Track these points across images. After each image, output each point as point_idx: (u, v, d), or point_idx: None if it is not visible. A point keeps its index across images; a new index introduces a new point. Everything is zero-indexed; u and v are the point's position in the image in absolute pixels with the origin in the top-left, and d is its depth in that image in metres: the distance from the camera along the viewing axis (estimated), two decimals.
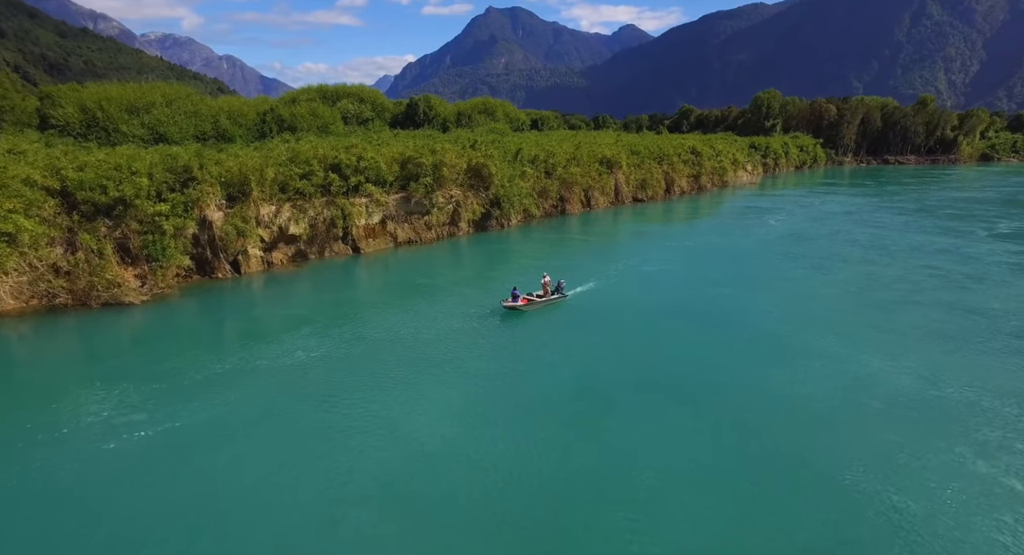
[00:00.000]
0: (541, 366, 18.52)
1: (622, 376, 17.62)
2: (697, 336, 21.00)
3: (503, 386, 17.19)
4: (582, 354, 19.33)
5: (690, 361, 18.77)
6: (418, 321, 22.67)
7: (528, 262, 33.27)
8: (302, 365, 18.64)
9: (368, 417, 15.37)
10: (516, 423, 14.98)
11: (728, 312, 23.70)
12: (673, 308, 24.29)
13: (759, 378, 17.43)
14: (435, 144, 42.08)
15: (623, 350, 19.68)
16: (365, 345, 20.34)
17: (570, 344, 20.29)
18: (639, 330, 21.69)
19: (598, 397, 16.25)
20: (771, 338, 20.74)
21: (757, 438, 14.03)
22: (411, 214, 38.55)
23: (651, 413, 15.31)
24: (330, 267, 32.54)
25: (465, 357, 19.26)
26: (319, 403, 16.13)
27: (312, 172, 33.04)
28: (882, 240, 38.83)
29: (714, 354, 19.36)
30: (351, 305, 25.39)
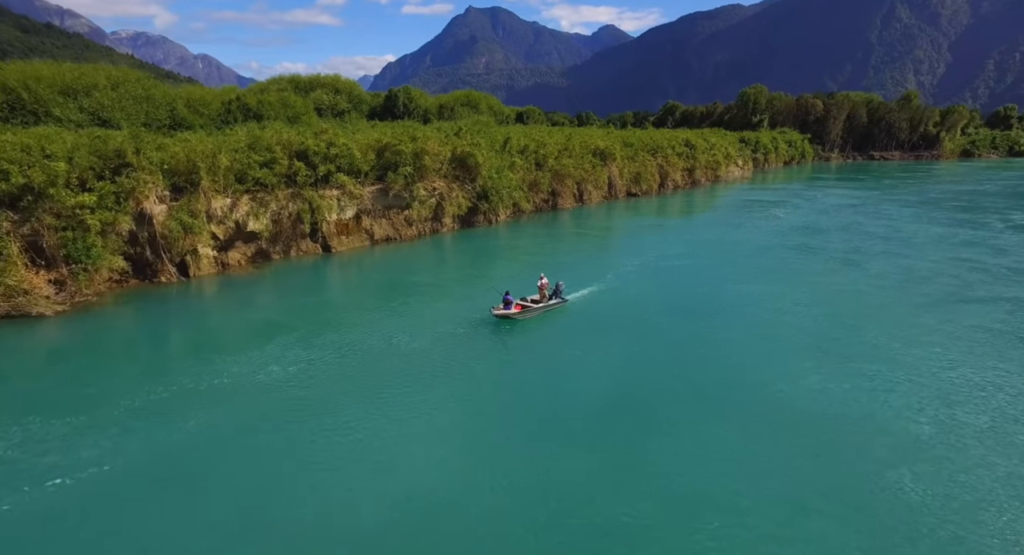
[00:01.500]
0: (548, 385, 14.90)
1: (652, 391, 14.14)
2: (732, 340, 17.62)
3: (506, 409, 13.57)
4: (597, 368, 15.76)
5: (732, 371, 15.35)
6: (398, 332, 18.87)
7: (520, 262, 29.67)
8: (262, 386, 14.81)
9: (347, 452, 11.82)
10: (529, 456, 11.42)
11: (762, 312, 20.48)
12: (698, 308, 20.90)
13: (826, 392, 14.08)
14: (416, 132, 38.21)
15: (648, 360, 16.18)
16: (337, 362, 16.49)
17: (580, 357, 16.70)
18: (664, 336, 18.23)
19: (626, 420, 12.71)
20: (819, 341, 17.48)
21: (843, 466, 10.63)
22: (389, 208, 34.58)
23: (701, 439, 11.80)
24: (296, 269, 28.45)
25: (458, 374, 15.55)
26: (286, 436, 12.46)
27: (275, 160, 28.89)
28: (899, 232, 36.27)
29: (760, 361, 15.99)
30: (319, 313, 21.43)
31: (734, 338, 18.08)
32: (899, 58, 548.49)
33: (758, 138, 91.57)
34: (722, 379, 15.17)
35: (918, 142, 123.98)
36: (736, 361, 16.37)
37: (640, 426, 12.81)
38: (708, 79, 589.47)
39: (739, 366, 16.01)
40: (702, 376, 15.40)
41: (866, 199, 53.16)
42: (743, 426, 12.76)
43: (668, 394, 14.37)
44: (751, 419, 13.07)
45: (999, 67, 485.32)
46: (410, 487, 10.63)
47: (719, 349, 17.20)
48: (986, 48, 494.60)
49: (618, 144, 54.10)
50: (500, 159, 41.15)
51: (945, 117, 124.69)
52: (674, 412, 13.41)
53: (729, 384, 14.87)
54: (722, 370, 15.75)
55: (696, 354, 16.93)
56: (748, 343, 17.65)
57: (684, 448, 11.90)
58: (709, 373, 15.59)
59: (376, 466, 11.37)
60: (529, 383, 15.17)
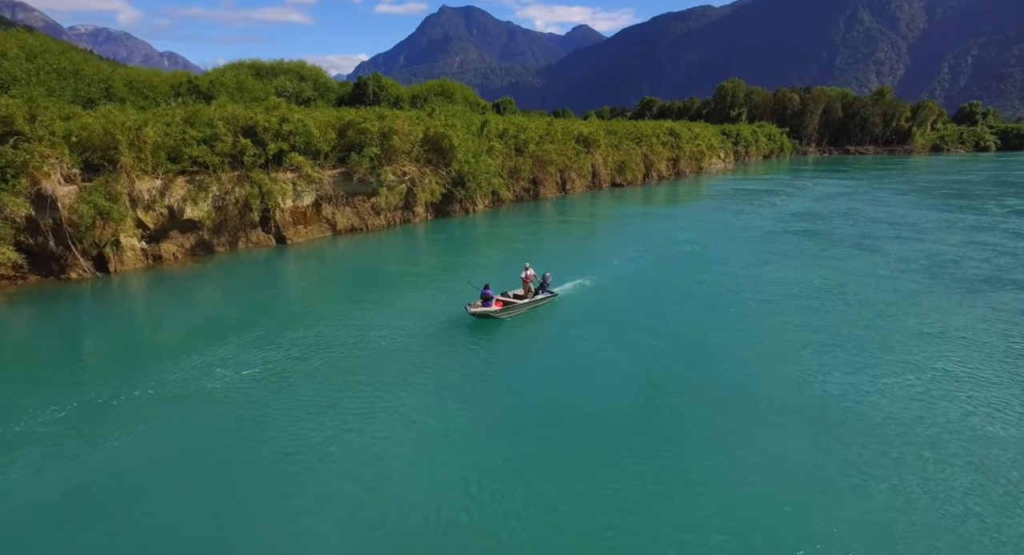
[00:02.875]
0: (548, 388, 11.62)
1: (674, 390, 11.04)
2: (760, 330, 14.69)
3: (497, 419, 10.26)
4: (606, 366, 12.54)
5: (766, 365, 12.36)
6: (364, 333, 15.38)
7: (501, 252, 26.38)
8: (204, 395, 11.47)
9: (313, 474, 8.71)
10: (529, 479, 8.17)
11: (786, 299, 17.71)
12: (716, 296, 17.98)
13: (884, 391, 11.21)
14: (384, 112, 34.51)
15: (665, 355, 13.05)
16: (294, 366, 12.97)
17: (584, 354, 13.45)
18: (680, 327, 15.15)
19: (648, 426, 9.56)
20: (857, 330, 14.73)
21: (940, 487, 7.64)
22: (353, 195, 30.79)
23: (747, 449, 8.69)
24: (245, 262, 24.50)
25: (437, 378, 12.13)
26: (236, 454, 9.40)
27: (216, 136, 24.88)
28: (903, 218, 34.28)
29: (797, 354, 13.11)
30: (270, 312, 17.68)
31: (761, 328, 15.20)
32: (862, 60, 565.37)
33: (739, 130, 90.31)
34: (757, 376, 12.27)
35: (891, 137, 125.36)
36: (769, 354, 13.49)
37: (666, 434, 9.85)
38: (681, 79, 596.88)
39: (773, 359, 13.14)
40: (733, 373, 12.48)
41: (857, 188, 51.58)
42: (794, 433, 9.92)
43: (694, 393, 11.46)
44: (801, 423, 10.28)
45: (953, 70, 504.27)
46: (388, 513, 7.68)
47: (747, 341, 14.26)
48: (941, 51, 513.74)
49: (602, 131, 51.25)
50: (477, 144, 37.72)
51: (916, 112, 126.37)
52: (706, 416, 10.53)
53: (766, 381, 12.03)
54: (755, 365, 12.83)
55: (721, 347, 13.92)
56: (778, 333, 14.79)
57: (728, 461, 8.90)
58: (741, 369, 12.67)
59: (350, 489, 8.05)
60: (524, 386, 11.85)
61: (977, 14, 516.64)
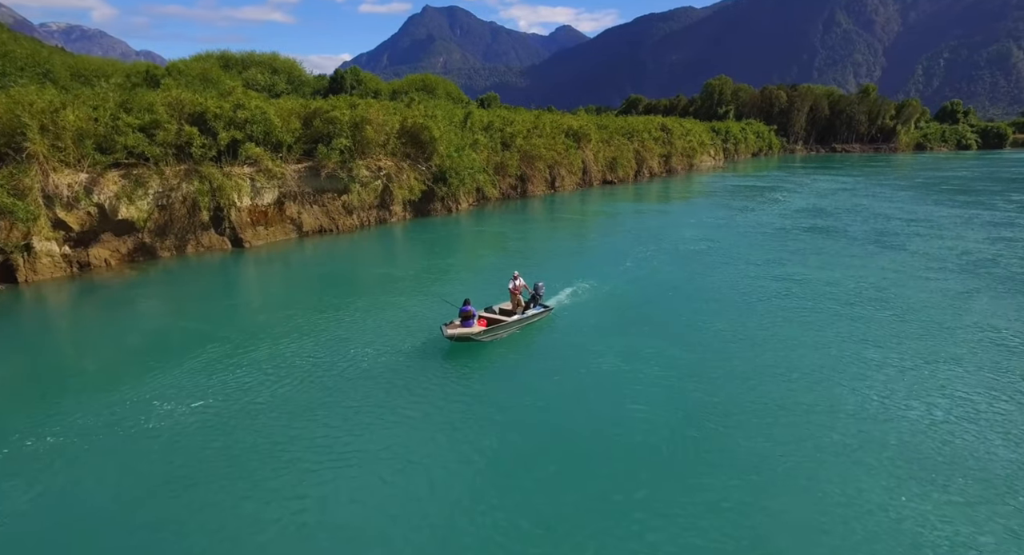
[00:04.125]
0: (555, 412, 8.82)
1: (706, 411, 8.34)
2: (803, 342, 12.08)
3: (494, 458, 7.37)
4: (623, 380, 9.79)
5: (818, 384, 9.70)
6: (328, 354, 12.54)
7: (487, 258, 23.56)
8: (121, 443, 8.60)
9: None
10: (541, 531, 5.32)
11: (821, 302, 15.47)
12: (741, 300, 15.46)
13: (975, 419, 8.57)
14: (356, 100, 31.42)
15: (691, 370, 10.33)
16: (243, 402, 10.10)
17: (598, 366, 10.66)
18: (706, 337, 12.47)
19: (681, 455, 6.77)
20: (915, 343, 12.19)
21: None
22: (322, 192, 27.65)
23: (809, 488, 6.03)
24: (193, 268, 21.26)
25: (417, 408, 9.23)
26: (173, 523, 6.09)
27: (157, 123, 21.56)
28: (913, 214, 32.32)
29: (851, 370, 10.52)
30: (217, 329, 14.60)
31: (798, 338, 12.87)
32: (840, 61, 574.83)
33: (728, 127, 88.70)
34: (806, 399, 9.76)
35: (876, 135, 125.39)
36: (813, 370, 11.06)
37: (702, 472, 7.18)
38: (664, 79, 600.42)
39: (819, 378, 10.69)
40: (776, 394, 10.11)
41: (855, 184, 49.83)
42: (863, 470, 7.39)
43: (731, 420, 9.02)
44: (867, 458, 7.82)
45: (927, 72, 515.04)
46: None
47: (786, 353, 11.82)
48: (915, 54, 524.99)
49: (592, 126, 48.68)
50: (460, 137, 34.78)
51: (900, 111, 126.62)
52: (751, 447, 7.98)
53: (819, 405, 9.63)
54: (801, 384, 10.41)
55: (757, 361, 11.44)
56: (819, 345, 12.47)
57: (786, 505, 6.16)
58: (785, 389, 10.33)
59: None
60: (525, 414, 9.02)
61: (948, 19, 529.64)
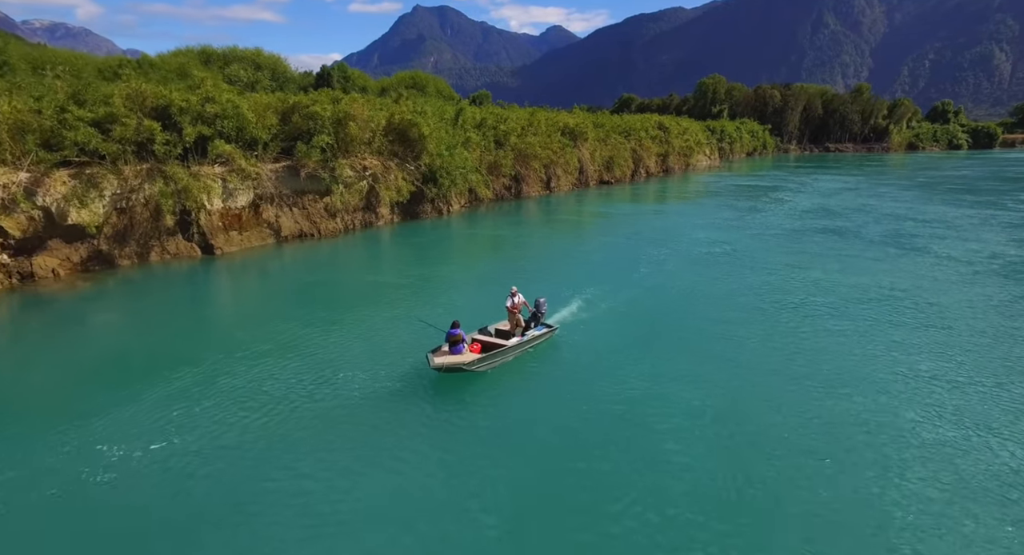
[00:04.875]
0: (561, 471, 6.92)
1: (767, 450, 6.49)
2: (846, 354, 10.36)
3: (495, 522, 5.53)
4: (650, 430, 7.93)
5: (883, 413, 7.92)
6: (306, 379, 10.59)
7: (481, 264, 21.67)
8: (61, 501, 6.19)
9: None
10: None
11: (854, 305, 14.15)
12: (771, 306, 13.91)
13: None
14: (339, 95, 29.39)
15: (738, 393, 8.51)
16: (208, 444, 8.00)
17: (618, 413, 8.79)
18: (747, 351, 10.63)
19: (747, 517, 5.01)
20: (980, 357, 10.44)
21: None
22: (302, 194, 25.57)
23: None
24: (156, 278, 19.14)
25: (408, 460, 7.30)
26: None
27: (114, 117, 19.40)
28: (926, 214, 30.97)
29: (916, 394, 8.68)
30: (179, 351, 12.57)
31: (846, 352, 11.44)
32: (828, 62, 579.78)
33: (723, 127, 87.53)
34: (879, 431, 7.88)
35: (869, 134, 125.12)
36: (873, 393, 9.25)
37: (761, 522, 5.19)
38: (655, 79, 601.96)
39: (882, 404, 8.85)
40: (831, 419, 8.41)
41: (858, 184, 48.57)
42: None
43: (786, 456, 7.04)
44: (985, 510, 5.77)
45: (912, 73, 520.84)
46: None
47: (837, 372, 10.24)
48: (901, 55, 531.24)
49: (589, 124, 46.95)
50: (452, 135, 32.83)
51: (892, 110, 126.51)
52: (815, 495, 6.05)
53: (892, 438, 7.93)
54: (865, 410, 8.54)
55: (802, 381, 9.64)
56: (871, 359, 10.81)
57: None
58: (843, 413, 8.57)
59: None
60: (537, 456, 7.12)
61: (932, 21, 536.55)
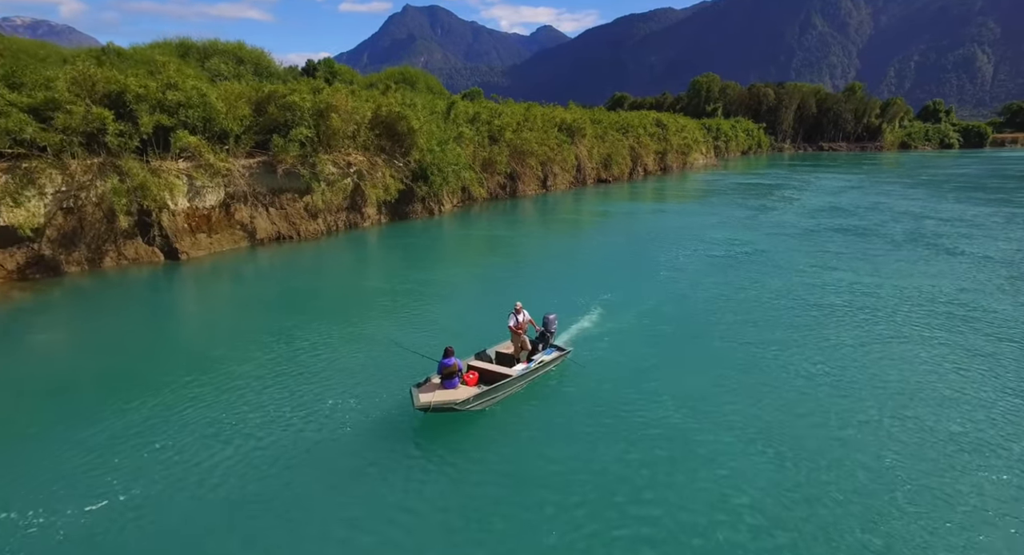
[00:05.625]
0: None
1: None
2: (911, 370, 8.44)
3: None
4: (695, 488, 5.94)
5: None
6: (275, 414, 8.42)
7: (477, 271, 19.61)
8: None
9: None
10: None
11: (901, 311, 12.24)
12: (814, 313, 11.88)
13: None
14: (320, 84, 27.20)
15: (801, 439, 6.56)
16: (155, 501, 5.77)
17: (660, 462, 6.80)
18: (795, 378, 8.73)
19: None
20: None
21: None
22: (280, 192, 23.35)
23: None
24: (109, 288, 16.88)
25: (391, 522, 5.28)
26: None
27: (56, 103, 17.10)
28: (943, 212, 29.61)
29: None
30: (123, 375, 10.43)
31: (913, 371, 9.10)
32: (816, 63, 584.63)
33: (719, 125, 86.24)
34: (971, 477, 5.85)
35: (862, 133, 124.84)
36: (964, 430, 7.14)
37: None
38: (645, 79, 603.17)
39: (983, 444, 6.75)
40: (906, 449, 6.19)
41: (862, 182, 47.20)
42: None
43: (863, 500, 4.90)
44: None
45: (899, 74, 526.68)
46: None
47: (907, 396, 8.11)
48: (887, 56, 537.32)
49: (587, 120, 45.07)
50: (443, 129, 30.75)
51: (885, 109, 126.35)
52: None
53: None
54: (952, 448, 6.42)
55: (864, 404, 7.70)
56: (940, 376, 8.62)
57: None
58: (923, 450, 6.33)
59: None
60: (557, 516, 5.13)
61: (917, 24, 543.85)
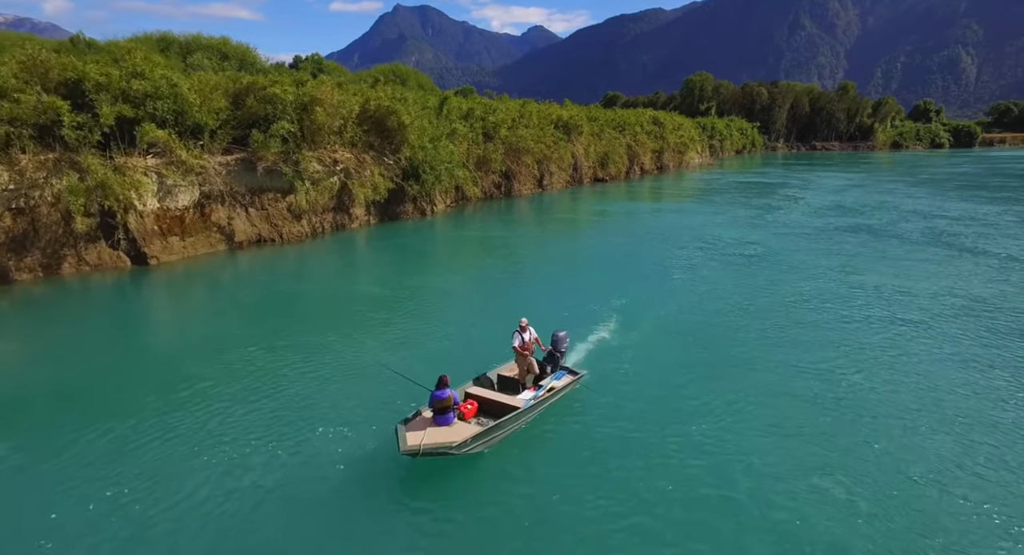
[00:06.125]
0: None
1: None
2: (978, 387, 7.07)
3: None
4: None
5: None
6: (242, 463, 6.74)
7: (474, 277, 18.10)
8: None
9: None
10: None
11: (944, 318, 10.85)
12: (850, 326, 10.48)
13: None
14: (303, 77, 25.55)
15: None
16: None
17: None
18: (847, 397, 7.37)
19: None
20: None
21: None
22: (260, 192, 21.66)
23: None
24: (66, 298, 15.18)
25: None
26: None
27: (2, 91, 15.34)
28: (953, 211, 28.73)
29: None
30: (69, 396, 8.75)
31: (981, 390, 7.61)
32: (805, 63, 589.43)
33: (713, 124, 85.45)
34: None
35: (854, 133, 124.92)
36: None
37: None
38: (637, 79, 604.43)
39: None
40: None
41: (862, 181, 46.33)
42: None
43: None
44: None
45: (886, 75, 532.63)
46: None
47: (983, 425, 6.60)
48: (874, 57, 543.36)
49: (583, 117, 43.70)
50: (436, 126, 29.19)
51: (877, 109, 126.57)
52: None
53: None
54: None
55: (947, 438, 6.20)
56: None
57: None
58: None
59: None
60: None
61: (903, 25, 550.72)
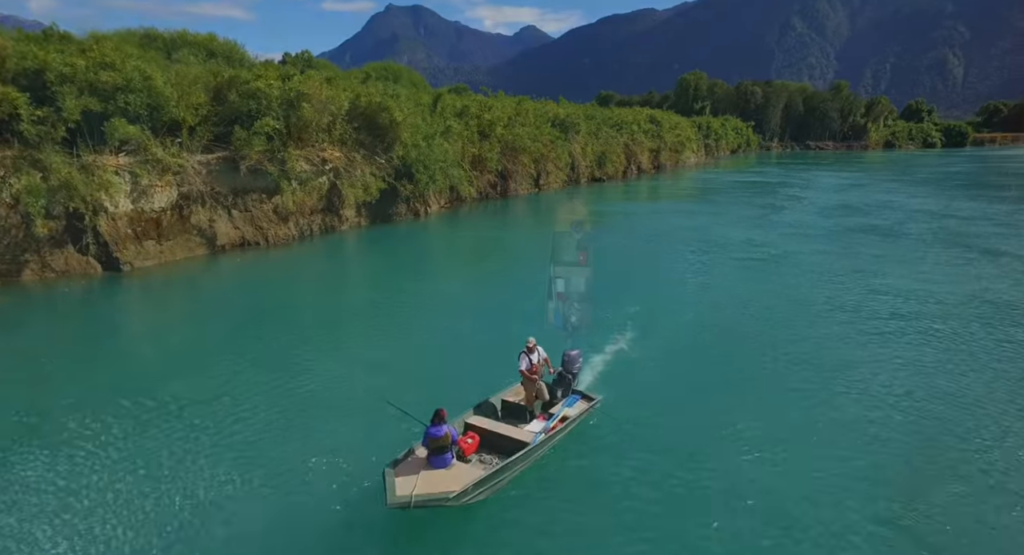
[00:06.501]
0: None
1: None
2: None
3: None
4: None
5: None
6: (212, 512, 5.54)
7: (473, 283, 17.01)
8: None
9: None
10: None
11: (983, 324, 9.52)
12: (889, 337, 9.52)
13: None
14: (290, 71, 24.32)
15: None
16: None
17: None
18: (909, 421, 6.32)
19: None
20: None
21: None
22: (244, 192, 20.41)
23: None
24: (28, 306, 13.96)
25: None
26: None
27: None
28: (960, 211, 28.21)
29: None
30: (38, 423, 7.54)
31: None
32: (796, 64, 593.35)
33: (709, 123, 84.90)
34: None
35: (848, 132, 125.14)
36: None
37: None
38: (630, 79, 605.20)
39: None
40: None
41: (862, 180, 45.76)
42: None
43: None
44: None
45: (875, 76, 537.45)
46: None
47: None
48: (864, 58, 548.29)
49: (581, 115, 42.73)
50: (429, 124, 28.03)
51: (870, 108, 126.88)
52: None
53: None
54: None
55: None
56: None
57: None
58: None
59: None
60: None
61: (891, 26, 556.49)
